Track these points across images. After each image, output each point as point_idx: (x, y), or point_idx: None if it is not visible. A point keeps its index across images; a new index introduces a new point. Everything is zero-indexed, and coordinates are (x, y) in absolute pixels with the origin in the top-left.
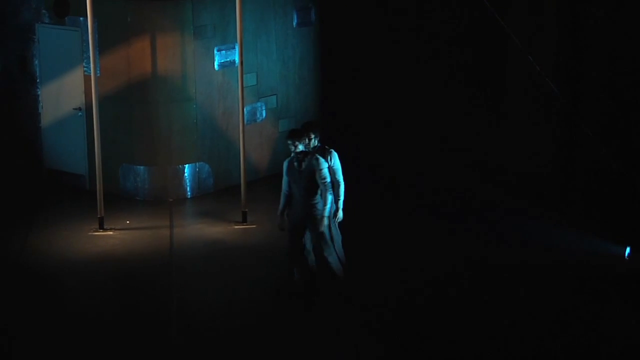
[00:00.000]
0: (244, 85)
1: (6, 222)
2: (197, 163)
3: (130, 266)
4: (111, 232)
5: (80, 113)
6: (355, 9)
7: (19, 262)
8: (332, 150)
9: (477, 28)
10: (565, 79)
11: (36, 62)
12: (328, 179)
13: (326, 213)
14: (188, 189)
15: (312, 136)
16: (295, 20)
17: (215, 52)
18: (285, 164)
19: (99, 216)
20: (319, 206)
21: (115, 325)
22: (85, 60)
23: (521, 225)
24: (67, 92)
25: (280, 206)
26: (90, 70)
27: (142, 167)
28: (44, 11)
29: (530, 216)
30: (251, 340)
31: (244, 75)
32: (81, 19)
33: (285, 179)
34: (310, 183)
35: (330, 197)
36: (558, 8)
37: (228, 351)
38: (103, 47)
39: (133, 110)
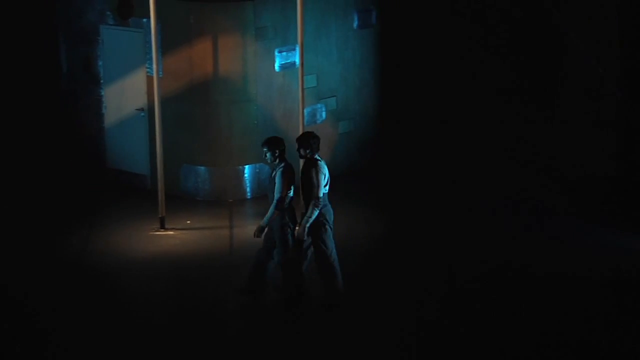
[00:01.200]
0: (304, 87)
1: (69, 221)
2: (257, 164)
3: (190, 266)
4: (172, 232)
5: (142, 113)
6: (416, 11)
7: (81, 261)
8: (320, 162)
9: (534, 29)
10: (628, 81)
11: (100, 63)
12: (278, 194)
13: (263, 222)
14: (248, 189)
15: (302, 147)
16: (356, 22)
17: (276, 53)
18: None
19: (160, 216)
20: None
21: (174, 325)
22: (147, 61)
23: (581, 229)
24: (129, 93)
25: None
26: (152, 71)
27: (202, 168)
28: (108, 13)
29: (590, 220)
30: (308, 340)
31: (304, 77)
32: (144, 20)
33: None
34: (269, 192)
35: (275, 211)
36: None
37: (284, 351)
38: (165, 48)
39: (194, 110)
